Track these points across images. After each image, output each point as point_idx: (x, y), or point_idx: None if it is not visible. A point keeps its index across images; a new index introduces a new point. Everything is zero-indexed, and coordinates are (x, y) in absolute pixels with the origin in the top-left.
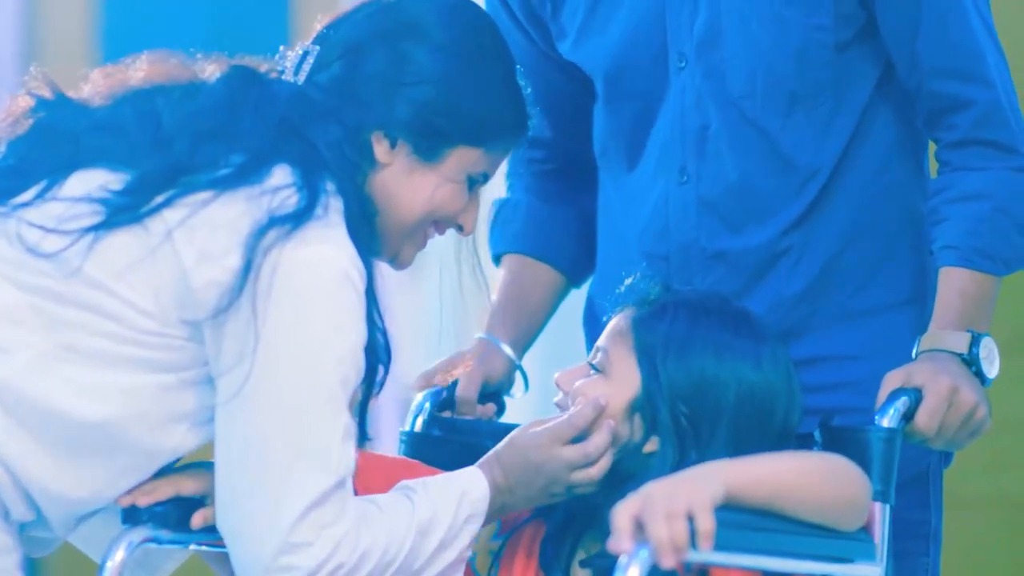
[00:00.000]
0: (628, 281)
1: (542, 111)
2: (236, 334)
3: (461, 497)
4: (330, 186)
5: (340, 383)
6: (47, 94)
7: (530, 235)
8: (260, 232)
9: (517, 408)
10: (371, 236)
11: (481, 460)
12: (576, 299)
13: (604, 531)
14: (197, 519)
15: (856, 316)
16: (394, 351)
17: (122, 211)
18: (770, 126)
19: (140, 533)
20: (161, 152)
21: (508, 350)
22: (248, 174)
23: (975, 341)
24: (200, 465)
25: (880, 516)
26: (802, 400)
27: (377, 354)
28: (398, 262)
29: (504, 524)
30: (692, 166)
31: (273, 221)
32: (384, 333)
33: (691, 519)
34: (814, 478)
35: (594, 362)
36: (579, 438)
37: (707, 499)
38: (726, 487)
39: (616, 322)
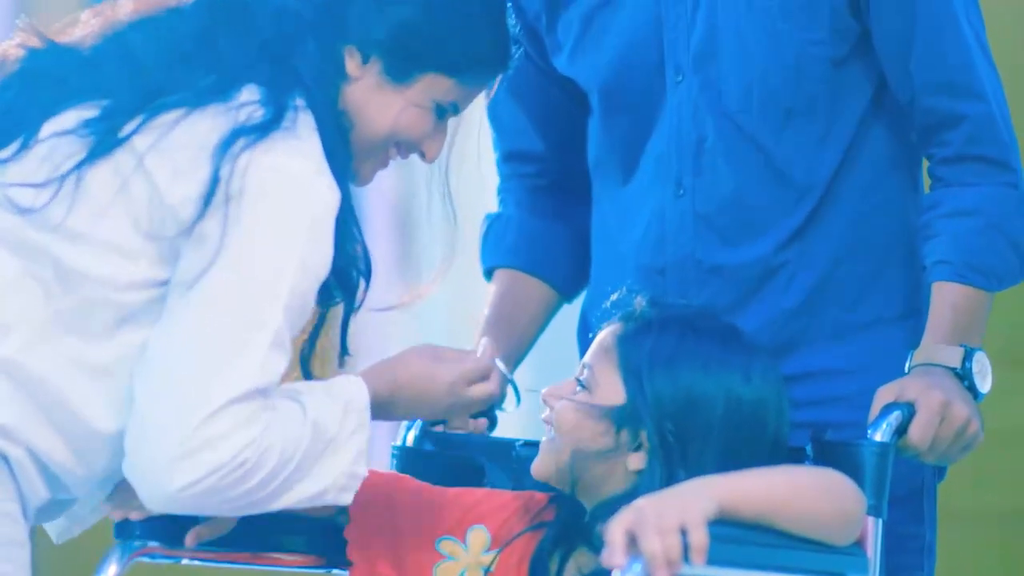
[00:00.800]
0: (614, 296)
1: (535, 126)
2: (208, 240)
3: (347, 405)
4: (299, 102)
5: (290, 291)
6: (36, 43)
7: (522, 250)
8: (227, 142)
9: (509, 422)
10: (346, 150)
11: (368, 371)
12: (568, 312)
13: (596, 547)
14: (191, 538)
15: (851, 331)
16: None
17: (102, 137)
18: (766, 140)
19: (133, 547)
20: (137, 80)
21: (500, 364)
22: (216, 93)
23: (968, 356)
24: None
25: (872, 530)
26: (792, 414)
27: (356, 267)
28: (358, 178)
29: (495, 539)
30: (688, 179)
31: (239, 132)
32: (363, 246)
33: (684, 533)
34: (807, 493)
35: (581, 378)
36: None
37: (700, 513)
38: (719, 502)
39: (602, 338)
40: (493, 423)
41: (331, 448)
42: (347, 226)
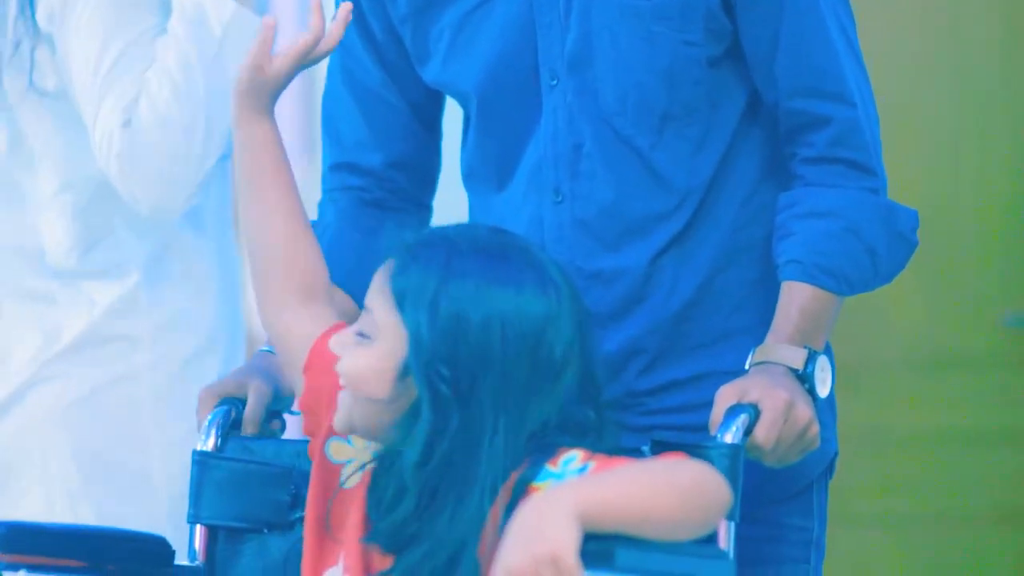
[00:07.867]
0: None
1: (377, 140)
2: None
3: None
4: None
5: None
6: None
7: (332, 262)
8: None
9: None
10: None
11: None
12: None
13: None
14: None
15: (735, 335)
16: None
17: None
18: (642, 145)
19: None
20: None
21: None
22: None
23: (811, 358)
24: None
25: (726, 534)
26: (680, 418)
27: None
28: None
29: None
30: (566, 186)
31: None
32: None
33: None
34: (670, 499)
35: (361, 329)
36: None
37: (570, 543)
38: (582, 521)
39: (377, 276)
40: (283, 425)
41: None
42: None
